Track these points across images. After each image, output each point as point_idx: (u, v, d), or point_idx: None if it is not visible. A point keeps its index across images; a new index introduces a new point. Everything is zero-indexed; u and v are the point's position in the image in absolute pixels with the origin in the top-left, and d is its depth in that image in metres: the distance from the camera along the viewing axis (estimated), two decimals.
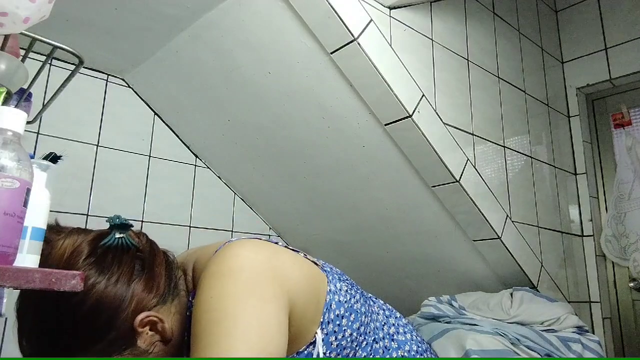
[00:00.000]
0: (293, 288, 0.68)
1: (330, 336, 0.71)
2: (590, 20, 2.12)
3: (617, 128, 2.06)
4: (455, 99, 1.55)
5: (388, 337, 0.81)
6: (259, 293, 0.63)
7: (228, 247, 0.69)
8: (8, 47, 0.69)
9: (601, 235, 1.98)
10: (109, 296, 0.65)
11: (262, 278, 0.65)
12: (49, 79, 1.55)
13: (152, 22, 1.44)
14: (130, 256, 0.70)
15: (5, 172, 0.51)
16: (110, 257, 0.68)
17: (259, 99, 1.57)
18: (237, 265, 0.65)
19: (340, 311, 0.73)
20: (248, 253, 0.67)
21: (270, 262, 0.68)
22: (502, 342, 1.27)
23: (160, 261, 0.74)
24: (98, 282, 0.65)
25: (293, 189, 1.84)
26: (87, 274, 0.65)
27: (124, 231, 0.71)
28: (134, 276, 0.68)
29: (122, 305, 0.66)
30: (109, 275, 0.66)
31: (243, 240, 0.72)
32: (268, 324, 0.61)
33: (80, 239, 0.69)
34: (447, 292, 1.60)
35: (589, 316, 1.88)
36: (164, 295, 0.71)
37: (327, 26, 1.27)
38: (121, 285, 0.66)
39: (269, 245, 0.73)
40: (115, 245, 0.69)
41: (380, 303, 0.88)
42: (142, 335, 0.68)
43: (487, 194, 1.54)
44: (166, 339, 0.70)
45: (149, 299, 0.68)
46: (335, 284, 0.76)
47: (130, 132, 1.75)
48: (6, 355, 1.37)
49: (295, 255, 0.75)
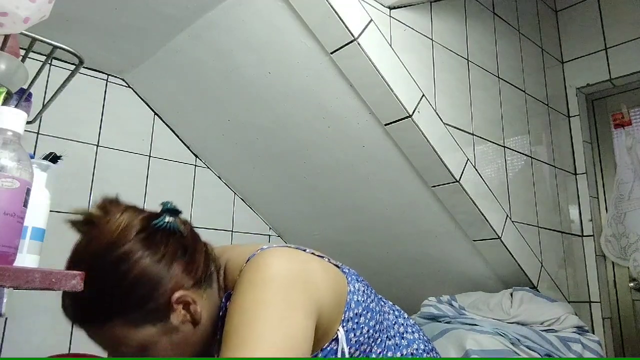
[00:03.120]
0: (322, 296, 0.72)
1: (349, 333, 0.76)
2: (590, 20, 2.12)
3: (617, 128, 2.06)
4: (455, 99, 1.55)
5: (398, 335, 0.86)
6: (289, 301, 0.68)
7: (261, 256, 0.73)
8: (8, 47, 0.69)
9: (601, 235, 1.98)
10: (152, 271, 0.71)
11: (293, 287, 0.69)
12: (49, 79, 1.54)
13: (152, 22, 1.44)
14: (175, 239, 0.76)
15: (5, 172, 0.51)
16: (158, 236, 0.74)
17: (259, 99, 1.57)
18: (269, 275, 0.69)
19: (359, 310, 0.78)
20: (281, 262, 0.72)
21: (301, 272, 0.72)
22: (502, 342, 1.27)
23: (200, 249, 0.79)
24: (144, 257, 0.71)
25: (293, 189, 1.84)
26: (135, 247, 0.71)
27: (173, 216, 0.78)
28: (176, 257, 0.74)
29: (162, 281, 0.71)
30: (155, 252, 0.72)
31: (276, 249, 0.75)
32: (295, 331, 0.66)
33: (135, 216, 0.76)
34: (447, 292, 1.60)
35: (589, 316, 1.88)
36: (200, 282, 0.76)
37: (327, 26, 1.27)
38: (164, 264, 0.72)
39: (299, 254, 0.77)
40: (164, 227, 0.76)
41: (390, 304, 0.93)
42: (176, 311, 0.72)
43: (487, 194, 1.54)
44: (195, 320, 0.74)
45: (186, 280, 0.74)
46: (354, 284, 0.80)
47: (130, 132, 1.75)
48: (6, 355, 1.37)
49: (322, 262, 0.79)
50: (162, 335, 0.72)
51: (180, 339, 0.74)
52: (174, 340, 0.73)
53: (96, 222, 0.73)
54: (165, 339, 0.72)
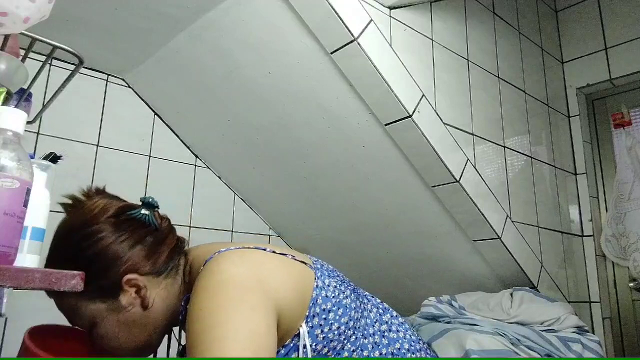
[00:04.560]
0: (280, 295, 0.73)
1: (315, 329, 0.76)
2: (590, 20, 2.12)
3: (617, 128, 2.06)
4: (455, 99, 1.55)
5: (379, 333, 0.84)
6: (246, 302, 0.69)
7: (215, 262, 0.75)
8: (8, 47, 0.69)
9: (601, 235, 1.98)
10: (110, 250, 0.76)
11: (248, 289, 0.70)
12: (49, 79, 1.54)
13: (152, 22, 1.44)
14: (144, 229, 0.81)
15: (5, 172, 0.51)
16: (128, 223, 0.80)
17: (259, 99, 1.57)
18: (223, 279, 0.71)
19: (327, 305, 0.78)
20: (233, 267, 0.73)
21: (256, 273, 0.74)
22: (502, 342, 1.27)
23: (169, 243, 0.83)
24: (107, 237, 0.77)
25: (293, 189, 1.84)
26: (103, 227, 0.77)
27: (150, 209, 0.83)
28: (139, 244, 0.79)
29: (117, 262, 0.77)
30: (119, 235, 0.78)
31: (230, 253, 0.77)
32: (258, 329, 0.66)
33: (113, 203, 0.82)
34: (447, 292, 1.60)
35: (589, 316, 1.88)
36: (159, 270, 0.80)
37: (327, 26, 1.27)
38: (124, 247, 0.77)
39: (254, 255, 0.78)
40: (138, 218, 0.81)
41: (375, 302, 0.92)
42: (126, 293, 0.77)
43: (487, 194, 1.54)
44: (144, 305, 0.79)
45: (143, 265, 0.78)
46: (323, 280, 0.81)
47: (130, 132, 1.75)
48: (6, 355, 1.37)
49: (281, 260, 0.80)
50: (111, 312, 0.77)
51: (128, 319, 0.78)
52: (121, 319, 0.78)
53: (77, 205, 0.81)
54: (113, 316, 0.77)
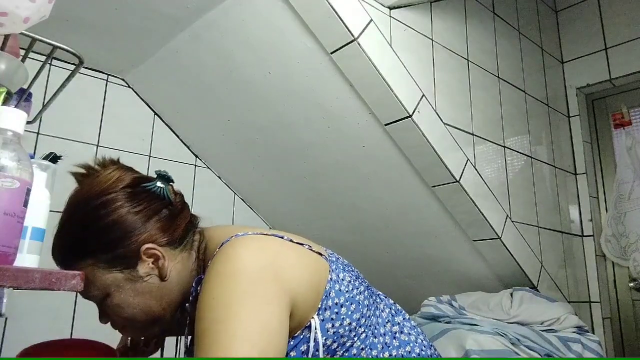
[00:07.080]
0: (295, 286, 0.70)
1: (326, 322, 0.73)
2: (590, 20, 2.12)
3: (617, 128, 2.06)
4: (455, 99, 1.55)
5: (390, 334, 0.82)
6: (260, 294, 0.66)
7: (231, 246, 0.72)
8: (8, 47, 0.69)
9: (601, 235, 1.98)
10: (127, 220, 0.75)
11: (263, 279, 0.68)
12: (49, 79, 1.54)
13: (152, 22, 1.44)
14: (160, 202, 0.79)
15: (5, 172, 0.51)
16: (144, 195, 0.78)
17: (259, 99, 1.57)
18: (238, 267, 0.68)
19: (340, 300, 0.75)
20: (250, 254, 0.70)
21: (272, 263, 0.70)
22: (502, 342, 1.27)
23: (184, 217, 0.82)
24: (124, 207, 0.76)
25: (293, 189, 1.84)
26: (119, 196, 0.76)
27: (165, 183, 0.81)
28: (155, 215, 0.78)
29: (135, 231, 0.75)
30: (136, 206, 0.77)
31: (247, 239, 0.73)
32: (269, 324, 0.64)
33: (128, 173, 0.80)
34: (447, 292, 1.60)
35: (589, 316, 1.88)
36: (175, 242, 0.79)
37: (327, 26, 1.27)
38: (141, 217, 0.76)
39: (272, 243, 0.75)
40: (153, 191, 0.79)
41: (389, 302, 0.89)
42: (143, 262, 0.76)
43: (487, 194, 1.54)
44: (162, 275, 0.77)
45: (160, 237, 0.77)
46: (338, 273, 0.78)
47: (130, 132, 1.75)
48: (6, 355, 1.37)
49: (299, 251, 0.77)
50: (128, 282, 0.76)
51: (144, 289, 0.77)
52: (138, 288, 0.76)
53: (92, 174, 0.79)
54: (130, 285, 0.76)
